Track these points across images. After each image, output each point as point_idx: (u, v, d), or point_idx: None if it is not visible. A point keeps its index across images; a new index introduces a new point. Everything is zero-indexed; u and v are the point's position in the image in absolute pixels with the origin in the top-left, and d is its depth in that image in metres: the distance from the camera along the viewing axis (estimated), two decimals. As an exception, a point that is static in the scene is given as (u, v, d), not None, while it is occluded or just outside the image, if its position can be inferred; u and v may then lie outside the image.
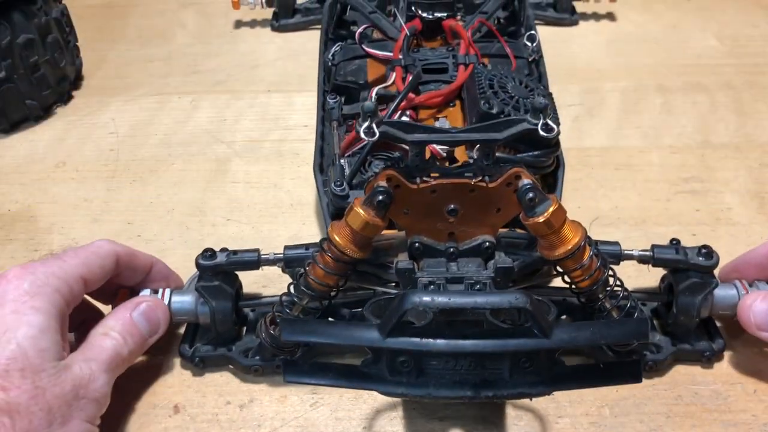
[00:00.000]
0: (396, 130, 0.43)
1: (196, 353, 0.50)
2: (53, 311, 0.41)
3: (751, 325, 0.46)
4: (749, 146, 0.69)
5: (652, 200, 0.63)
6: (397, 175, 0.43)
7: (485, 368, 0.41)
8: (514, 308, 0.39)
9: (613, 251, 0.49)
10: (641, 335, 0.41)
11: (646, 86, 0.78)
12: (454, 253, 0.46)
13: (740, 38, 0.86)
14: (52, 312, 0.41)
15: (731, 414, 0.47)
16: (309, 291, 0.46)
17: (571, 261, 0.44)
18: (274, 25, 0.89)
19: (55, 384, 0.39)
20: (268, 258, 0.48)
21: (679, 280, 0.48)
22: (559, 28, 0.88)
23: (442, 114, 0.58)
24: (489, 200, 0.44)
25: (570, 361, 0.42)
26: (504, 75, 0.57)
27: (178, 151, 0.70)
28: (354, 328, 0.41)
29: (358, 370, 0.42)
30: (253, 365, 0.49)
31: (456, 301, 0.39)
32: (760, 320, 0.45)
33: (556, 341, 0.39)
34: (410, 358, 0.40)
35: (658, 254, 0.48)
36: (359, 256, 0.44)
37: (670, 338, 0.50)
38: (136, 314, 0.46)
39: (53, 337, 0.41)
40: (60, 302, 0.42)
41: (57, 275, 0.43)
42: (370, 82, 0.62)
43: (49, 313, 0.41)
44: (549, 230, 0.43)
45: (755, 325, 0.46)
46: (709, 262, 0.47)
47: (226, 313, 0.48)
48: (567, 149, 0.66)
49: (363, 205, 0.43)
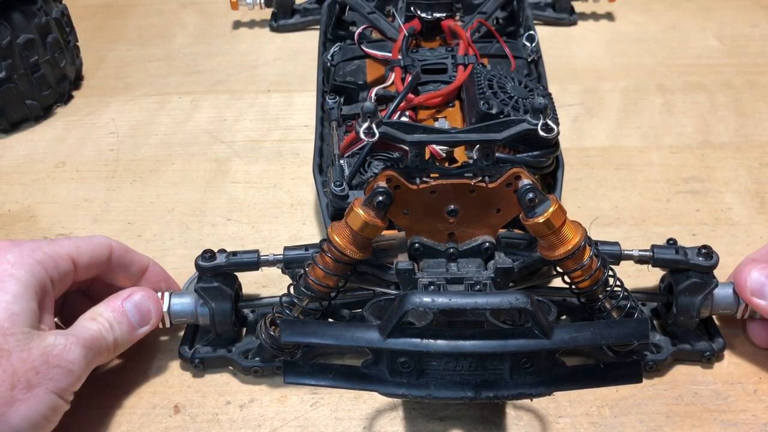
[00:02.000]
0: (395, 131, 0.43)
1: (196, 354, 0.50)
2: (32, 281, 0.42)
3: (745, 290, 0.47)
4: (749, 146, 0.69)
5: (652, 200, 0.63)
6: (396, 176, 0.43)
7: (486, 369, 0.41)
8: (514, 309, 0.39)
9: (613, 251, 0.49)
10: (642, 336, 0.41)
11: (646, 86, 0.78)
12: (454, 253, 0.46)
13: (740, 38, 0.86)
14: (31, 282, 0.42)
15: (731, 414, 0.47)
16: (309, 292, 0.46)
17: (571, 261, 0.44)
18: (273, 25, 0.89)
19: (23, 349, 0.39)
20: (267, 259, 0.48)
21: (678, 281, 0.48)
22: (558, 28, 0.88)
23: (441, 114, 0.58)
24: (489, 201, 0.45)
25: (570, 362, 0.42)
26: (503, 75, 0.57)
27: (178, 151, 0.70)
28: (354, 329, 0.41)
29: (358, 371, 0.42)
30: (253, 366, 0.49)
31: (456, 301, 0.39)
32: (754, 287, 0.46)
33: (557, 342, 0.39)
34: (411, 358, 0.40)
35: (658, 254, 0.48)
36: (359, 257, 0.44)
37: (670, 338, 0.50)
38: (128, 304, 0.46)
39: (28, 304, 0.41)
40: (42, 275, 0.42)
41: (43, 250, 0.43)
42: (369, 82, 0.62)
43: (28, 282, 0.41)
44: (549, 230, 0.43)
45: (749, 290, 0.46)
46: (709, 262, 0.47)
47: (225, 314, 0.48)
48: (567, 149, 0.66)
49: (363, 206, 0.43)
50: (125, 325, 0.45)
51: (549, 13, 0.89)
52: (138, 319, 0.46)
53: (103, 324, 0.44)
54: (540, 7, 0.89)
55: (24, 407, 0.39)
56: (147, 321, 0.47)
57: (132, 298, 0.46)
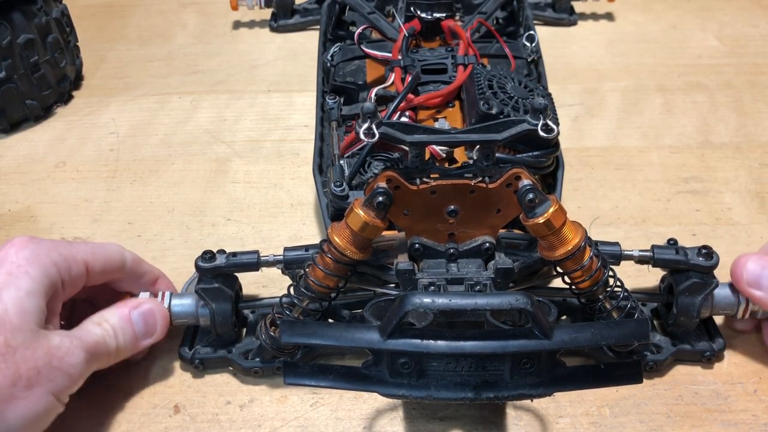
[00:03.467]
0: (395, 131, 0.43)
1: (196, 355, 0.50)
2: (45, 281, 0.42)
3: (741, 281, 0.47)
4: (749, 146, 0.69)
5: (652, 200, 0.63)
6: (396, 176, 0.43)
7: (486, 369, 0.40)
8: (514, 309, 0.39)
9: (613, 252, 0.48)
10: (642, 336, 0.41)
11: (646, 86, 0.78)
12: (454, 254, 0.46)
13: (740, 38, 0.86)
14: (44, 282, 0.42)
15: (731, 414, 0.47)
16: (309, 293, 0.46)
17: (571, 262, 0.44)
18: (273, 25, 0.89)
19: (28, 347, 0.39)
20: (267, 260, 0.48)
21: (679, 281, 0.48)
22: (558, 28, 0.88)
23: (441, 115, 0.58)
24: (489, 201, 0.44)
25: (570, 362, 0.42)
26: (503, 75, 0.56)
27: (178, 151, 0.70)
28: (354, 330, 0.41)
29: (358, 371, 0.42)
30: (253, 367, 0.49)
31: (457, 302, 0.39)
32: (750, 277, 0.46)
33: (557, 342, 0.39)
34: (411, 359, 0.40)
35: (658, 255, 0.48)
36: (359, 257, 0.44)
37: (670, 338, 0.50)
38: (135, 313, 0.46)
39: (38, 303, 0.41)
40: (55, 275, 0.43)
41: (59, 251, 0.44)
42: (369, 82, 0.62)
43: (41, 281, 0.42)
44: (549, 231, 0.43)
45: (746, 281, 0.46)
46: (709, 263, 0.47)
47: (225, 315, 0.48)
48: (567, 149, 0.66)
49: (363, 207, 0.43)
50: (129, 334, 0.46)
51: (549, 13, 0.89)
52: (143, 330, 0.46)
53: (108, 330, 0.44)
54: (540, 7, 0.89)
55: (22, 405, 0.39)
56: (152, 333, 0.47)
57: (140, 308, 0.46)
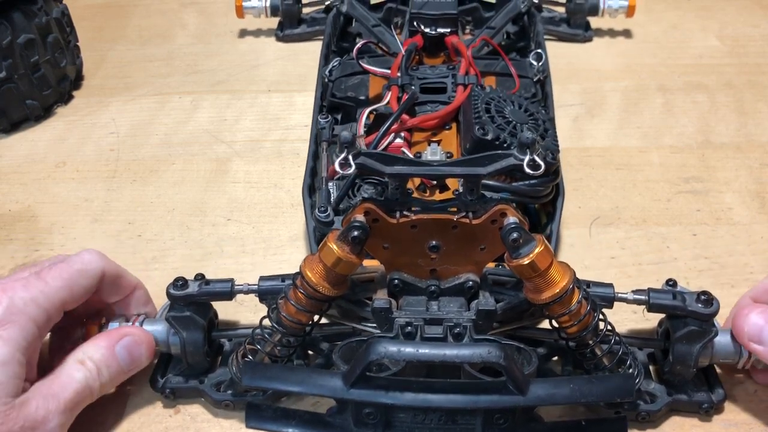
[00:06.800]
0: (374, 162, 0.40)
1: (167, 384, 0.47)
2: (22, 343, 0.40)
3: (743, 335, 0.44)
4: (750, 146, 0.69)
5: (653, 200, 0.63)
6: (375, 209, 0.41)
7: (456, 423, 0.39)
8: (486, 363, 0.37)
9: (605, 294, 0.45)
10: (626, 394, 0.38)
11: (646, 86, 0.78)
12: (436, 291, 0.44)
13: (741, 38, 0.86)
14: (21, 344, 0.40)
15: (731, 414, 0.47)
16: (280, 328, 0.43)
17: (559, 306, 0.41)
18: (279, 35, 0.86)
19: (3, 422, 0.38)
20: (241, 289, 0.46)
21: (675, 327, 0.44)
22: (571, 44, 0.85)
23: (437, 137, 0.56)
24: (473, 237, 0.42)
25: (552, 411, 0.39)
26: (502, 98, 0.54)
27: (178, 151, 0.70)
28: (317, 376, 0.39)
29: (323, 418, 0.41)
30: (224, 400, 0.46)
31: (424, 353, 0.37)
32: (752, 331, 0.43)
33: (532, 399, 0.37)
34: (377, 410, 0.38)
35: (654, 299, 0.44)
36: (333, 293, 0.42)
37: (666, 387, 0.46)
38: (118, 346, 0.45)
39: (15, 370, 0.40)
40: (33, 332, 0.41)
41: (37, 302, 0.41)
42: (371, 98, 0.60)
43: (18, 345, 0.40)
44: (534, 273, 0.40)
45: (747, 335, 0.43)
46: (709, 310, 0.43)
47: (197, 344, 0.46)
48: (567, 149, 0.66)
49: (337, 241, 0.40)
50: (114, 369, 0.44)
51: (563, 29, 0.85)
52: (128, 362, 0.45)
53: (91, 371, 0.43)
54: (554, 22, 0.85)
55: None
56: (137, 365, 0.46)
57: (124, 341, 0.45)
